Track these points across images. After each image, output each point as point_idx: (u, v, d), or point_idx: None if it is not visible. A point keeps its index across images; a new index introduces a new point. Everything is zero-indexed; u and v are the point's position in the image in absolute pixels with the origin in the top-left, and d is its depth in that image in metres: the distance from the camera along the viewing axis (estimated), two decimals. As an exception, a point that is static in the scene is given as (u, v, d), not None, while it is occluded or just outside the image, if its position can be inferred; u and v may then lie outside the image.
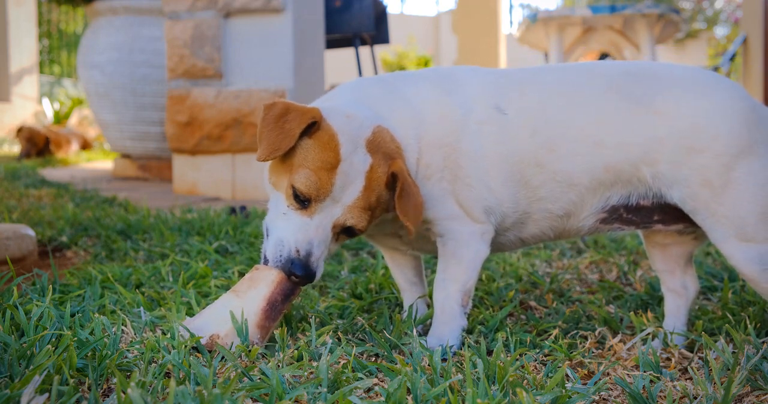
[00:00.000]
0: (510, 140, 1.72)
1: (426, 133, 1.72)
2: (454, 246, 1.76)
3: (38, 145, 8.80)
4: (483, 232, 1.75)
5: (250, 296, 1.63)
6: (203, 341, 1.60)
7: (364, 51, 11.45)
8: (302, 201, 1.60)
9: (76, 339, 1.54)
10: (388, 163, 1.64)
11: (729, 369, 1.50)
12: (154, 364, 1.48)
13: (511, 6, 22.97)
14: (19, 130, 8.87)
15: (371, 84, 1.81)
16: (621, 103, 1.69)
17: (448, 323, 1.74)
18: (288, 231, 1.61)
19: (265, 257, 1.65)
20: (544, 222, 1.79)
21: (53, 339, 1.53)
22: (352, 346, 1.66)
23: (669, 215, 1.74)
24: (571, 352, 1.67)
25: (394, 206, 1.66)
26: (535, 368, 1.61)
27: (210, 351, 1.60)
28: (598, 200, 1.73)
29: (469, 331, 1.83)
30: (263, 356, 1.59)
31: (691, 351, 1.77)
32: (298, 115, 1.60)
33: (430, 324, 1.84)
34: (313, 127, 1.61)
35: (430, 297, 2.03)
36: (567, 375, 1.52)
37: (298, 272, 1.59)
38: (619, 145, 1.68)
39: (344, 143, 1.60)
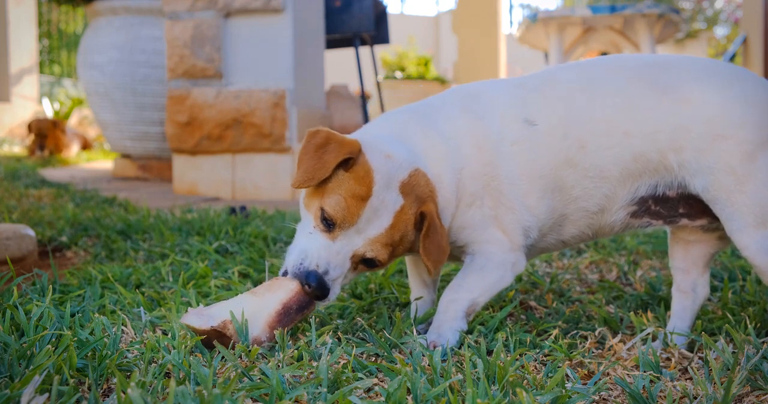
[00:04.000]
0: (544, 150, 1.75)
1: (465, 164, 1.76)
2: (483, 264, 1.79)
3: (48, 135, 8.63)
4: (515, 262, 1.80)
5: (267, 298, 1.66)
6: (215, 323, 1.61)
7: (364, 51, 11.43)
8: (328, 224, 1.65)
9: (76, 339, 1.54)
10: (418, 206, 1.68)
11: (729, 369, 1.50)
12: (154, 364, 1.48)
13: (511, 6, 22.99)
14: (29, 126, 8.75)
15: (407, 119, 1.84)
16: (646, 92, 1.71)
17: (449, 322, 1.75)
18: (312, 247, 1.67)
19: (285, 270, 1.69)
20: (581, 221, 1.82)
21: (53, 339, 1.53)
22: (352, 346, 1.66)
23: (693, 208, 1.76)
24: (571, 352, 1.66)
25: (418, 245, 1.71)
26: (535, 368, 1.61)
27: (220, 338, 1.60)
28: (628, 191, 1.76)
29: (469, 331, 1.82)
30: (263, 356, 1.59)
31: (691, 351, 1.77)
32: (337, 146, 1.65)
33: (431, 323, 1.84)
34: (350, 160, 1.65)
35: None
36: (567, 375, 1.52)
37: (312, 282, 1.63)
38: (646, 133, 1.70)
39: (378, 181, 1.64)
